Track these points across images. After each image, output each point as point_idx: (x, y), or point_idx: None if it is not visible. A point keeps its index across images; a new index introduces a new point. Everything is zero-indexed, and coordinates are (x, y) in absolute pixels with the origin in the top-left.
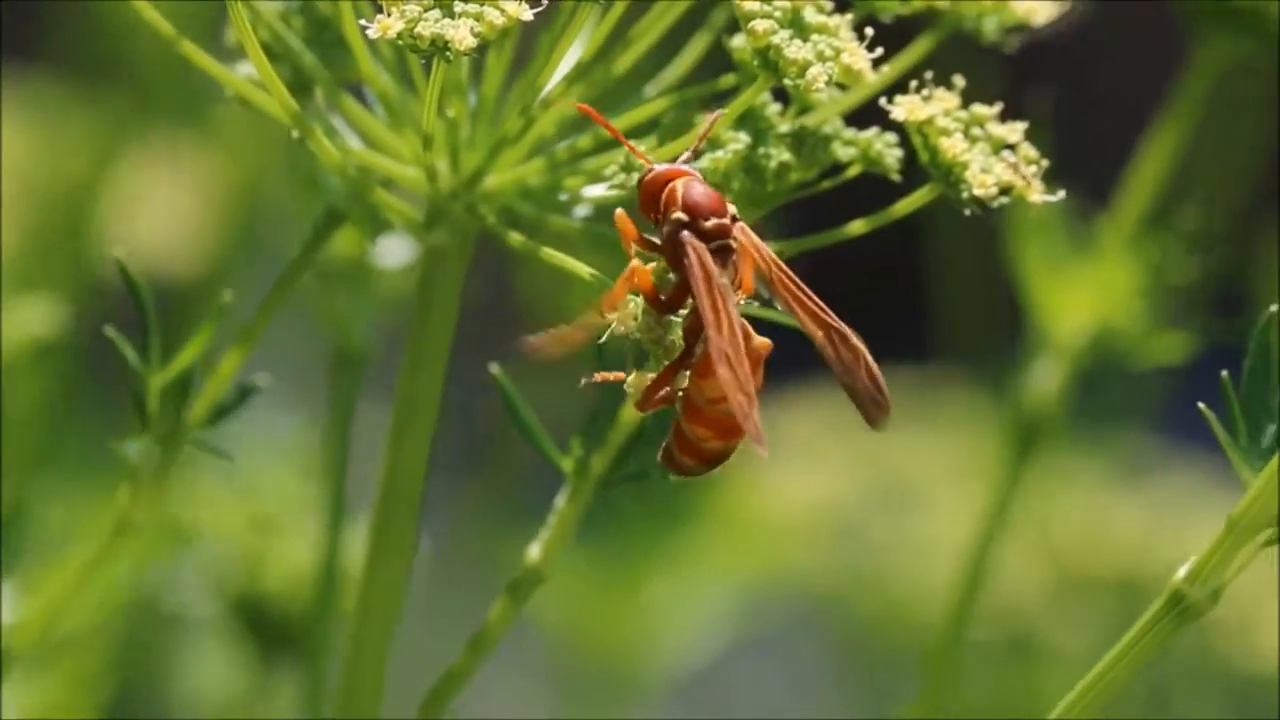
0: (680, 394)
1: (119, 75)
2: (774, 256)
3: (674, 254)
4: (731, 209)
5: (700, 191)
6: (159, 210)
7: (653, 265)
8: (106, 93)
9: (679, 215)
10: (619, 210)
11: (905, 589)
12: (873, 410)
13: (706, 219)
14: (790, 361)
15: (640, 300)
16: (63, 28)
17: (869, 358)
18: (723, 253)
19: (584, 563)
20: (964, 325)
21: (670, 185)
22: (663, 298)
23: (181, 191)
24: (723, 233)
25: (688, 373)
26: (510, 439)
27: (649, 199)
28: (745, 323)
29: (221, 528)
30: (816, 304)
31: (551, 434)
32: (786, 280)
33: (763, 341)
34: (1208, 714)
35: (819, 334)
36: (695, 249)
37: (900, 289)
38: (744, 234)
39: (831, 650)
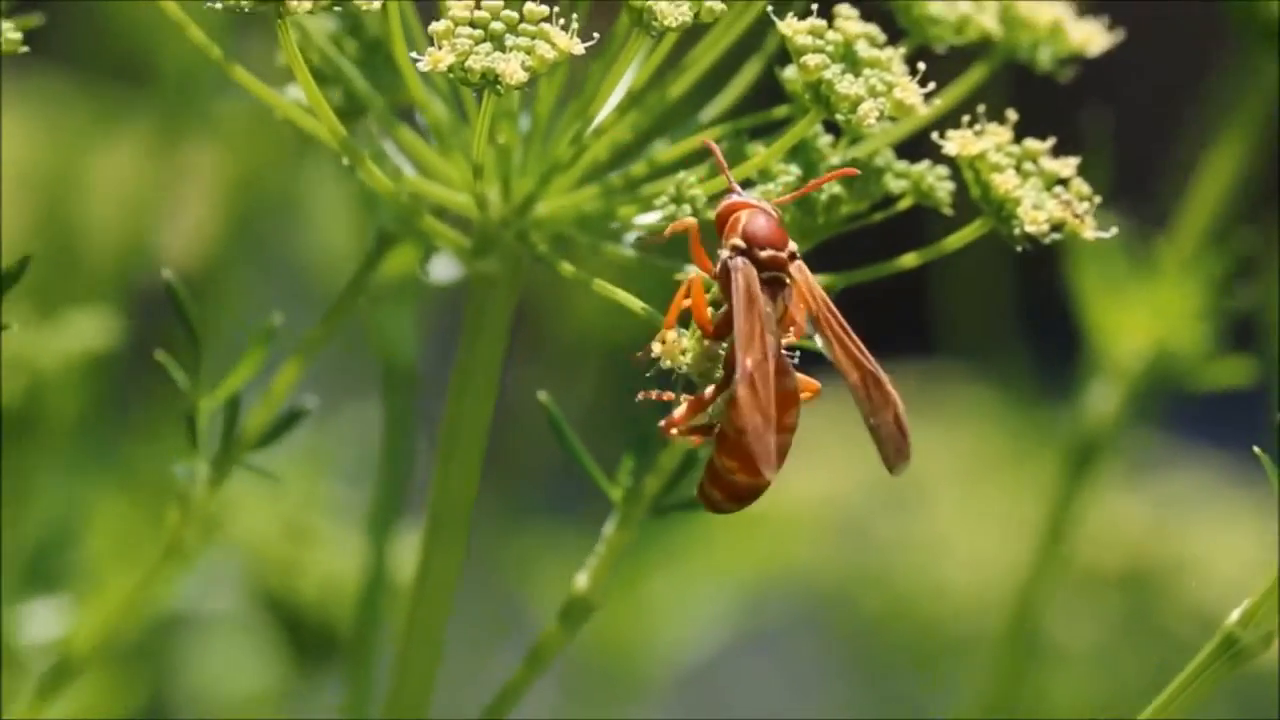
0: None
1: (131, 74)
2: (824, 296)
3: (725, 278)
4: (792, 246)
5: (762, 223)
6: (169, 207)
7: (710, 291)
8: (110, 88)
9: (736, 241)
10: (692, 221)
11: (909, 586)
12: (894, 456)
13: (763, 249)
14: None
15: (690, 332)
16: (68, 24)
17: (899, 405)
18: (774, 285)
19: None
20: (969, 322)
21: (737, 215)
22: (711, 325)
23: (192, 188)
24: (776, 264)
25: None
26: (521, 436)
27: (720, 226)
28: (786, 359)
29: (259, 536)
30: (857, 345)
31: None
32: (833, 320)
33: (808, 383)
34: (1213, 711)
35: (854, 375)
36: (744, 274)
37: (906, 285)
38: (800, 272)
39: (834, 647)
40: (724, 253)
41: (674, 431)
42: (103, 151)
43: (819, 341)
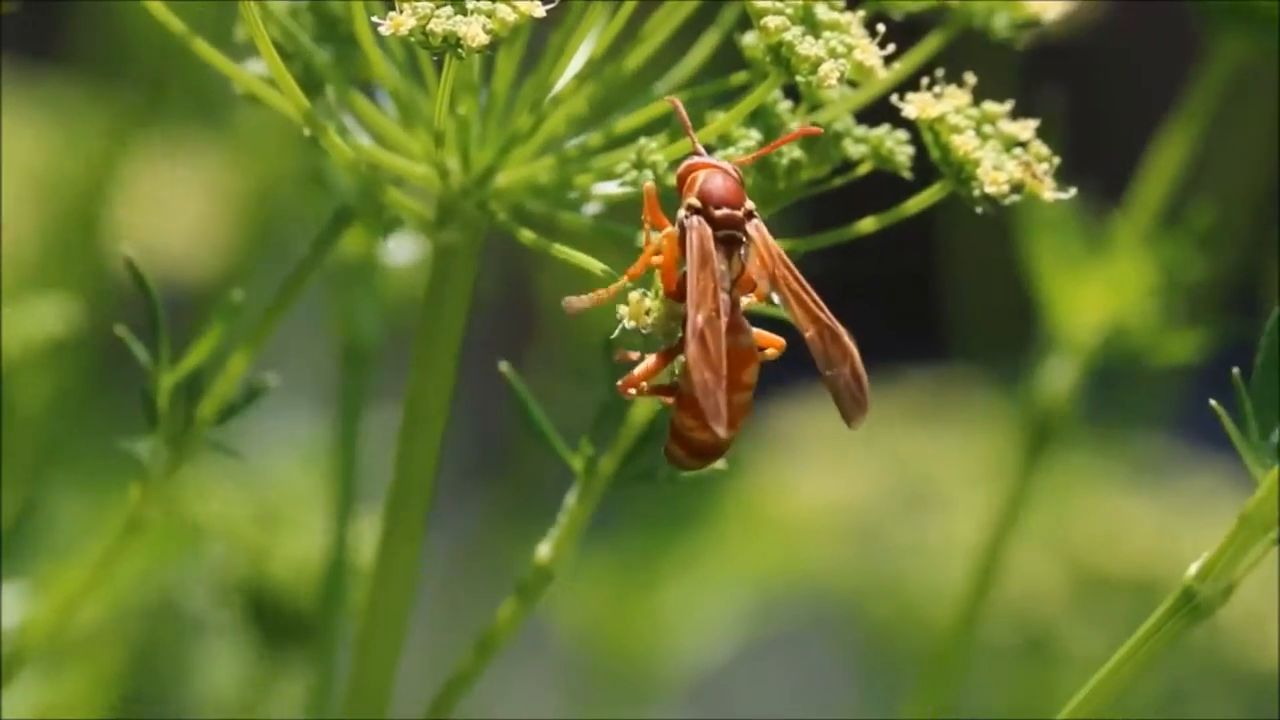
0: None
1: (133, 75)
2: (780, 252)
3: (681, 236)
4: (749, 205)
5: (719, 182)
6: (173, 210)
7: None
8: (120, 92)
9: (692, 201)
10: (648, 184)
11: (922, 590)
12: (851, 408)
13: (718, 207)
14: (807, 362)
15: (652, 294)
16: (77, 27)
17: (856, 357)
18: (729, 243)
19: (600, 563)
20: (980, 326)
21: (695, 174)
22: (674, 284)
23: (196, 191)
24: (731, 223)
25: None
26: (525, 439)
27: (679, 186)
28: (741, 317)
29: (229, 523)
30: (814, 300)
31: (565, 433)
32: (789, 276)
33: (771, 339)
34: (1216, 712)
35: (810, 329)
36: (699, 232)
37: (916, 291)
38: (757, 230)
39: (848, 651)
40: (680, 212)
41: (632, 390)
42: (111, 157)
43: (775, 298)
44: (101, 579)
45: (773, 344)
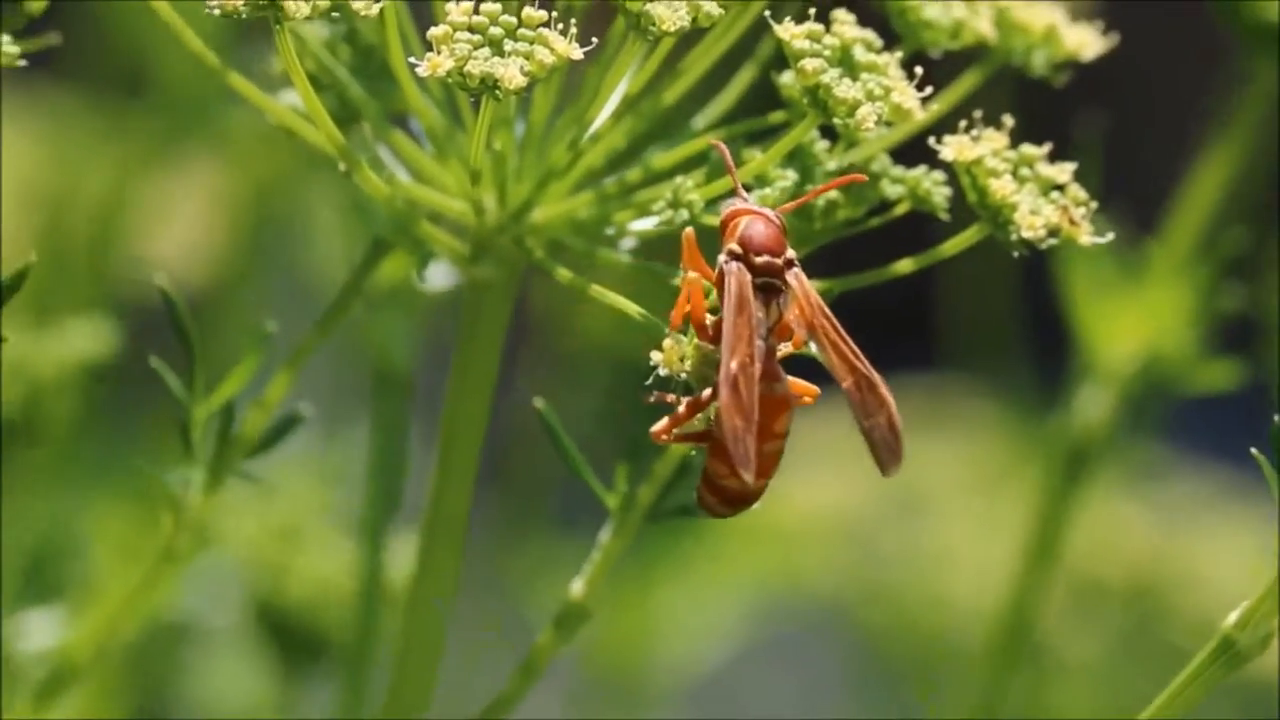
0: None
1: (136, 89)
2: (820, 302)
3: (719, 281)
4: (790, 254)
5: (760, 229)
6: (174, 220)
7: (710, 297)
8: (123, 106)
9: (733, 246)
10: (688, 231)
11: (918, 597)
12: (887, 458)
13: (758, 254)
14: (805, 373)
15: (689, 339)
16: (81, 42)
17: (893, 408)
18: (768, 291)
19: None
20: (976, 334)
21: (737, 219)
22: (709, 330)
23: (196, 203)
24: (771, 270)
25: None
26: (526, 449)
27: (722, 230)
28: (777, 366)
29: (253, 543)
30: (853, 350)
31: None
32: (828, 325)
33: (806, 388)
34: (1214, 714)
35: (848, 379)
36: (737, 278)
37: (911, 299)
38: (797, 279)
39: (844, 657)
40: (721, 257)
41: (664, 437)
42: (109, 167)
43: (813, 347)
44: (136, 605)
45: (807, 392)
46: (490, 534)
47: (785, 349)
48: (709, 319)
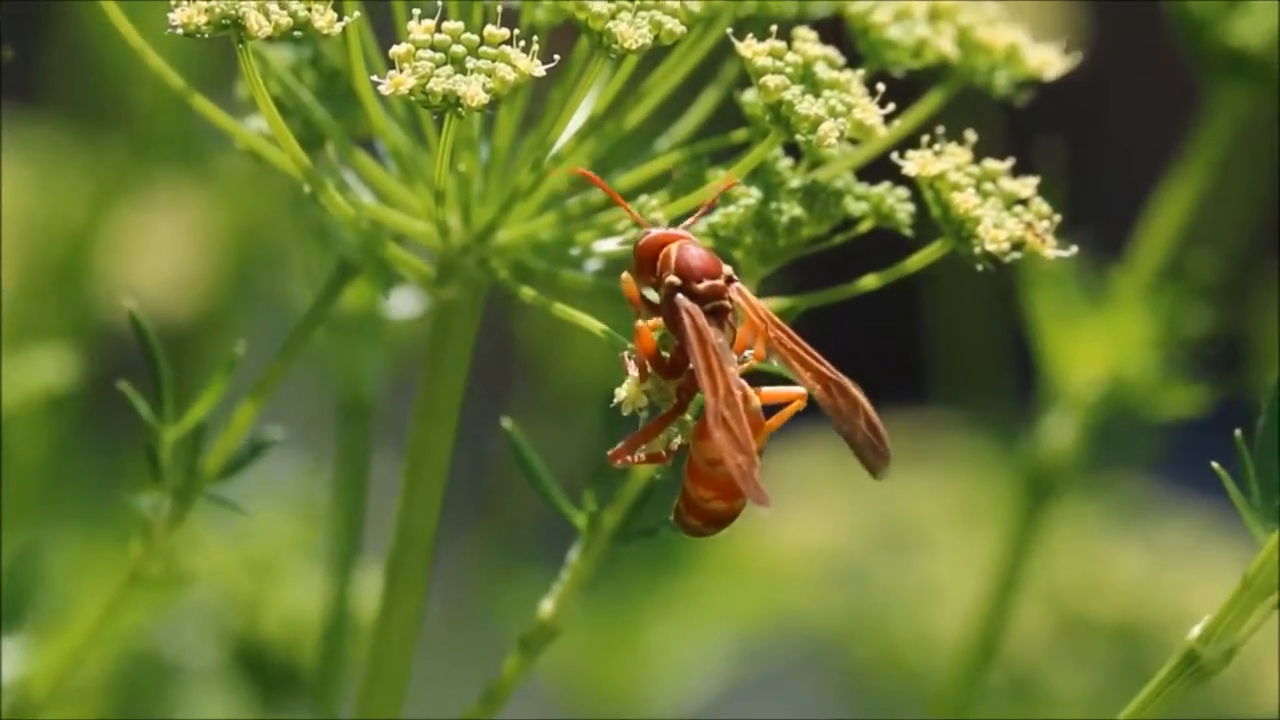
0: (687, 456)
1: (118, 119)
2: (770, 314)
3: (671, 317)
4: (727, 270)
5: (693, 254)
6: (157, 254)
7: (655, 325)
8: (105, 137)
9: (672, 279)
10: (625, 275)
11: (905, 632)
12: (873, 458)
13: (699, 281)
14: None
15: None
16: (62, 72)
17: (868, 407)
18: (718, 314)
19: (583, 605)
20: (962, 368)
21: (665, 249)
22: (665, 359)
23: (179, 235)
24: (716, 294)
25: (683, 430)
26: (513, 485)
27: (646, 262)
28: (745, 384)
29: (223, 574)
30: (814, 357)
31: (558, 479)
32: (784, 337)
33: (792, 394)
34: None
35: (817, 387)
36: (690, 312)
37: (898, 333)
38: (740, 294)
39: (832, 693)
40: (663, 292)
41: (618, 462)
42: (87, 196)
43: (774, 360)
44: (102, 632)
45: (794, 398)
46: (480, 571)
47: (745, 365)
48: (664, 354)
